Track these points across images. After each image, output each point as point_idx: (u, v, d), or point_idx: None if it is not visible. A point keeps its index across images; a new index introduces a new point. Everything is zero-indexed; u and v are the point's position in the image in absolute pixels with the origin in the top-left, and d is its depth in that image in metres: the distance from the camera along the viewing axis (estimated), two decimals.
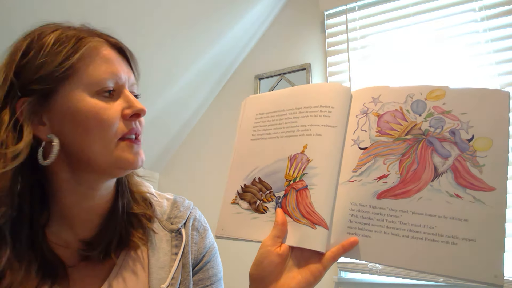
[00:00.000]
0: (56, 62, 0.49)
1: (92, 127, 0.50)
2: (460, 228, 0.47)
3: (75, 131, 0.50)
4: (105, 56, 0.53)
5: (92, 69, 0.51)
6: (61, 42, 0.50)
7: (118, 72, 0.53)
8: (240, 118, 0.67)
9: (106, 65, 0.52)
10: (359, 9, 1.68)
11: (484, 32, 1.41)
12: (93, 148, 0.50)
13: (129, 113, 0.53)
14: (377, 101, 0.57)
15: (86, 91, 0.50)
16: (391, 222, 0.50)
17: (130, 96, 0.54)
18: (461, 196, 0.48)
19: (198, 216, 0.67)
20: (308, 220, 0.52)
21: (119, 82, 0.54)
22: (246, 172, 0.61)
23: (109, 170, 0.52)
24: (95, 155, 0.50)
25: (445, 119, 0.52)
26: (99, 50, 0.53)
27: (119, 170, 0.53)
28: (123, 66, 0.55)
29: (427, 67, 1.47)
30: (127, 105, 0.53)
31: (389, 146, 0.53)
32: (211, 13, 1.59)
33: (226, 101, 1.98)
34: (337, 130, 0.56)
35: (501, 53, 1.37)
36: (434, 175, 0.50)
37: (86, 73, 0.51)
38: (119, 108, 0.52)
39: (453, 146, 0.50)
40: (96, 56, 0.52)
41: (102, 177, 0.54)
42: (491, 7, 1.42)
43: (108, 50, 0.54)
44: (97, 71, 0.51)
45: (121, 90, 0.54)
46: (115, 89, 0.53)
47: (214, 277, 0.64)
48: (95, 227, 0.57)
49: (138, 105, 0.54)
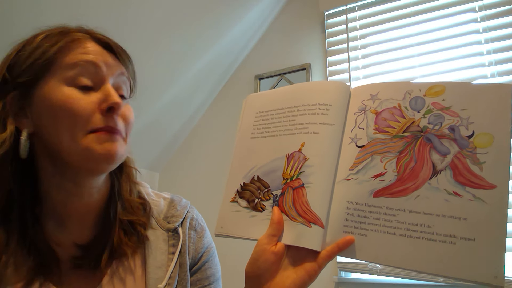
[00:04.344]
0: (37, 54, 0.50)
1: (62, 117, 0.49)
2: (458, 227, 0.46)
3: (49, 122, 0.50)
4: (85, 48, 0.52)
5: (69, 59, 0.51)
6: (47, 37, 0.52)
7: (97, 63, 0.52)
8: (241, 116, 0.67)
9: (83, 55, 0.51)
10: (359, 9, 1.68)
11: (484, 32, 1.40)
12: (62, 138, 0.49)
13: (104, 107, 0.50)
14: (375, 98, 0.56)
15: (63, 81, 0.50)
16: (388, 221, 0.49)
17: (110, 89, 0.52)
18: (460, 194, 0.47)
19: (196, 216, 0.67)
20: (304, 219, 0.52)
21: (99, 74, 0.52)
22: (246, 171, 0.62)
23: (78, 163, 0.50)
24: (63, 147, 0.49)
25: (445, 116, 0.50)
26: (81, 43, 0.52)
27: (88, 162, 0.50)
28: (107, 59, 0.54)
29: (427, 66, 1.47)
30: (104, 98, 0.51)
31: (387, 144, 0.52)
32: (211, 13, 1.60)
33: (226, 101, 1.99)
34: (334, 128, 0.56)
35: (501, 53, 1.36)
36: (432, 172, 0.49)
37: (63, 63, 0.51)
38: (95, 100, 0.51)
39: (452, 143, 0.49)
40: (76, 48, 0.52)
41: (79, 172, 0.52)
42: (490, 7, 1.41)
43: (91, 44, 0.53)
44: (73, 61, 0.51)
45: (102, 83, 0.52)
46: (95, 81, 0.52)
47: (212, 277, 0.64)
48: (88, 229, 0.56)
49: (114, 98, 0.51)
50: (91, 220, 0.57)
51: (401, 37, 1.56)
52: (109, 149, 0.50)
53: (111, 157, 0.51)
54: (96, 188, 0.56)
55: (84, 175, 0.53)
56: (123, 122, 0.54)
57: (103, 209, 0.58)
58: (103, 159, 0.50)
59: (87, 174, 0.53)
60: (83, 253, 0.54)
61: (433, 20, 1.50)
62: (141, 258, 0.58)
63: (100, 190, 0.57)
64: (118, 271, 0.56)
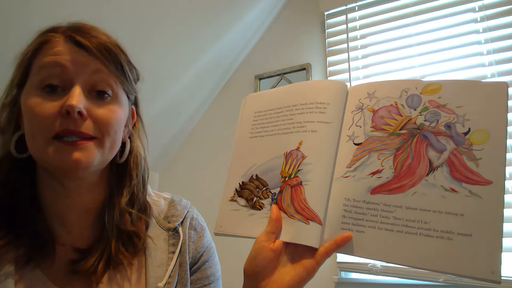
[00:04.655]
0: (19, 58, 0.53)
1: (28, 123, 0.50)
2: (455, 223, 0.46)
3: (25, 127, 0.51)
4: (53, 49, 0.50)
5: (38, 62, 0.51)
6: (31, 39, 0.53)
7: (63, 63, 0.49)
8: (240, 116, 0.68)
9: (49, 57, 0.50)
10: (359, 9, 1.69)
11: (484, 32, 1.41)
12: (30, 144, 0.50)
13: (63, 111, 0.48)
14: (372, 97, 0.56)
15: (33, 85, 0.50)
16: (385, 217, 0.49)
17: (72, 91, 0.48)
18: (456, 190, 0.47)
19: (196, 215, 0.67)
20: (302, 216, 0.52)
21: (66, 75, 0.50)
22: (244, 170, 0.62)
23: (50, 168, 0.51)
24: (32, 152, 0.51)
25: (441, 113, 0.51)
26: (50, 44, 0.51)
27: (56, 169, 0.50)
28: (77, 57, 0.50)
29: (426, 67, 1.47)
30: (64, 102, 0.48)
31: (384, 141, 0.53)
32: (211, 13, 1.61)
33: (226, 101, 2.00)
34: (332, 126, 0.56)
35: (500, 53, 1.37)
36: (429, 169, 0.49)
37: (34, 69, 0.51)
38: (57, 105, 0.48)
39: (448, 140, 0.49)
40: (46, 50, 0.51)
41: (57, 175, 0.52)
42: (490, 7, 1.42)
43: (60, 43, 0.51)
44: (41, 64, 0.50)
45: (70, 86, 0.50)
46: (64, 82, 0.50)
47: (212, 277, 0.64)
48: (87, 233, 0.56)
49: (69, 100, 0.47)
50: (88, 221, 0.57)
51: (401, 37, 1.56)
52: (67, 160, 0.48)
53: (70, 166, 0.49)
54: (85, 189, 0.56)
55: (63, 178, 0.53)
56: (95, 124, 0.50)
57: (100, 212, 0.58)
58: (62, 168, 0.49)
59: (64, 177, 0.53)
60: (81, 257, 0.54)
61: (433, 20, 1.51)
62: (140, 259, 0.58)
63: (92, 190, 0.57)
64: (115, 278, 0.55)
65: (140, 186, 0.60)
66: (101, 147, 0.51)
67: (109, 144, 0.52)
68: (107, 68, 0.52)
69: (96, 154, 0.51)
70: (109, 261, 0.55)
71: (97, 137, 0.51)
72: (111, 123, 0.52)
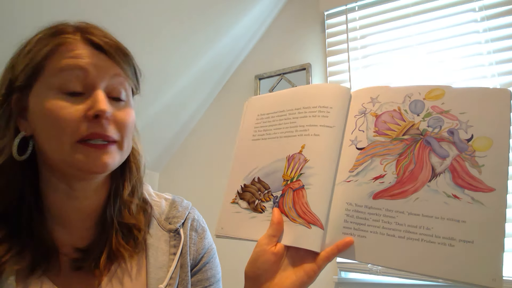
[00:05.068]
0: (28, 58, 0.50)
1: (49, 126, 0.49)
2: (457, 230, 0.46)
3: (39, 128, 0.50)
4: (73, 51, 0.50)
5: (56, 64, 0.50)
6: (40, 40, 0.51)
7: (85, 67, 0.50)
8: (242, 118, 0.68)
9: (70, 59, 0.50)
10: (359, 9, 1.68)
11: (484, 32, 1.41)
12: (50, 147, 0.50)
13: (91, 114, 0.49)
14: (375, 101, 0.56)
15: (51, 88, 0.49)
16: (387, 222, 0.49)
17: (98, 95, 0.50)
18: (459, 197, 0.47)
19: (197, 217, 0.67)
20: (304, 220, 0.52)
21: (89, 78, 0.50)
22: (246, 172, 0.62)
23: (68, 172, 0.51)
24: (52, 154, 0.50)
25: (444, 119, 0.51)
26: (69, 46, 0.51)
27: (78, 172, 0.51)
28: (98, 61, 0.51)
29: (427, 67, 1.47)
30: (91, 105, 0.49)
31: (386, 146, 0.53)
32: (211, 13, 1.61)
33: (226, 101, 2.00)
34: (334, 131, 0.56)
35: (501, 53, 1.36)
36: (431, 175, 0.49)
37: (51, 70, 0.50)
38: (82, 108, 0.49)
39: (451, 146, 0.49)
40: (64, 52, 0.50)
41: (71, 177, 0.53)
42: (491, 7, 1.41)
43: (81, 46, 0.51)
44: (59, 66, 0.49)
45: (93, 88, 0.51)
46: (85, 86, 0.50)
47: (212, 278, 0.64)
48: (88, 233, 0.56)
49: (99, 105, 0.49)
50: (91, 222, 0.57)
51: (401, 37, 1.56)
52: (96, 163, 0.50)
53: (99, 170, 0.50)
54: (92, 191, 0.56)
55: (76, 180, 0.53)
56: (116, 127, 0.52)
57: (102, 211, 0.58)
58: (91, 172, 0.50)
59: (78, 180, 0.53)
60: (83, 256, 0.55)
61: (433, 20, 1.50)
62: (141, 260, 0.58)
63: (97, 191, 0.57)
64: (116, 274, 0.56)
65: (140, 178, 0.62)
66: (121, 149, 0.53)
67: (126, 146, 0.54)
68: (125, 72, 0.54)
69: (118, 157, 0.53)
70: (111, 255, 0.55)
71: (118, 140, 0.52)
72: (129, 126, 0.54)
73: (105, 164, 0.50)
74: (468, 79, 1.40)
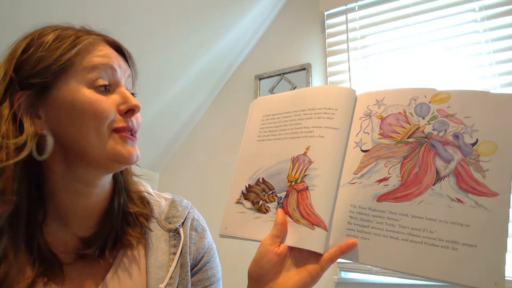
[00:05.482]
0: (54, 56, 0.50)
1: (87, 118, 0.50)
2: (460, 233, 0.46)
3: (71, 123, 0.51)
4: (102, 51, 0.54)
5: (87, 61, 0.52)
6: (60, 39, 0.52)
7: (114, 66, 0.54)
8: (248, 119, 0.68)
9: (101, 58, 0.53)
10: (359, 9, 1.68)
11: (484, 32, 1.40)
12: (88, 139, 0.51)
13: (124, 109, 0.53)
14: (380, 104, 0.56)
15: (82, 83, 0.52)
16: (391, 225, 0.49)
17: (126, 92, 0.55)
18: (462, 201, 0.47)
19: (197, 216, 0.68)
20: (307, 221, 0.53)
21: (115, 77, 0.55)
22: (251, 173, 0.62)
23: (103, 163, 0.52)
24: (90, 146, 0.51)
25: (449, 123, 0.51)
26: (96, 46, 0.54)
27: (113, 163, 0.53)
28: (120, 62, 0.56)
29: (427, 67, 1.47)
30: (123, 101, 0.54)
31: (391, 149, 0.53)
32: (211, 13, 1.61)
33: (226, 101, 2.00)
34: (339, 132, 0.56)
35: (501, 53, 1.36)
36: (435, 179, 0.49)
37: (82, 66, 0.52)
38: (114, 102, 0.53)
39: (456, 150, 0.49)
40: (93, 50, 0.53)
41: (98, 172, 0.54)
42: (491, 7, 1.41)
43: (105, 47, 0.55)
44: (92, 64, 0.52)
45: (117, 86, 0.55)
46: (111, 83, 0.54)
47: (213, 278, 0.64)
48: (92, 226, 0.57)
49: (133, 101, 0.54)
50: (96, 217, 0.58)
51: (401, 37, 1.56)
52: (132, 152, 0.54)
53: (134, 158, 0.54)
54: (103, 188, 0.57)
55: (100, 174, 0.55)
56: (136, 123, 0.57)
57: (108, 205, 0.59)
58: (127, 160, 0.53)
59: (104, 173, 0.55)
60: (87, 245, 0.55)
61: (433, 20, 1.50)
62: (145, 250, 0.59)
63: (105, 188, 0.58)
64: (123, 262, 0.57)
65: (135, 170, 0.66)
66: None
67: None
68: (135, 74, 0.60)
69: None
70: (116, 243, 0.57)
71: None
72: (140, 123, 0.58)
73: (138, 155, 0.55)
74: (468, 79, 1.39)
